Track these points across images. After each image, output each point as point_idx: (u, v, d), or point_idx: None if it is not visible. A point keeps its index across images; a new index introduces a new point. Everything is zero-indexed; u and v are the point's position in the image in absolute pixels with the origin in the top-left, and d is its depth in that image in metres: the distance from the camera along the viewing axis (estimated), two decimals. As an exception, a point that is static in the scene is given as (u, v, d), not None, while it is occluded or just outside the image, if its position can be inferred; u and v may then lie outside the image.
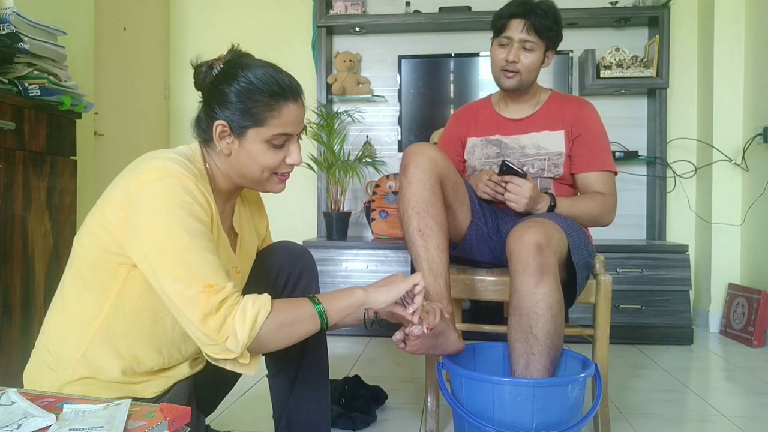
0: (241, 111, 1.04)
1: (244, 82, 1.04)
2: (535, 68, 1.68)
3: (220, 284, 0.94)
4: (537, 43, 1.65)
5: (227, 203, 1.16)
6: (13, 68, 1.80)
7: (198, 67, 1.09)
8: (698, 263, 3.14)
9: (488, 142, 1.77)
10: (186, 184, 0.97)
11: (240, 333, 0.93)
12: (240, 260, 1.19)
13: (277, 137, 1.06)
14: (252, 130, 1.05)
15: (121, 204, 0.97)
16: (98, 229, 1.00)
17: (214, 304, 0.93)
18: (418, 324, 1.14)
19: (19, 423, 0.73)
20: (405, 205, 1.45)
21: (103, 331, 1.01)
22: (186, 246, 0.94)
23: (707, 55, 3.08)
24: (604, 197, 1.67)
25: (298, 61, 3.39)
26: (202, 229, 0.97)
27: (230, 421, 1.72)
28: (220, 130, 1.05)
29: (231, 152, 1.07)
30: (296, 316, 0.99)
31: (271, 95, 1.04)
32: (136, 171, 0.99)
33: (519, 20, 1.64)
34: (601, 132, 1.72)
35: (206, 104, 1.08)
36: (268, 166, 1.08)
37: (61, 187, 1.94)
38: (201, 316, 0.92)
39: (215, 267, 0.96)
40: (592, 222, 1.68)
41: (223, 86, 1.05)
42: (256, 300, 0.97)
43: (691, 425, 1.75)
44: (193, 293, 0.92)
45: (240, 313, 0.94)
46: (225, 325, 0.93)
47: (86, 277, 1.02)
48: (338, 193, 3.10)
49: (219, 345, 0.93)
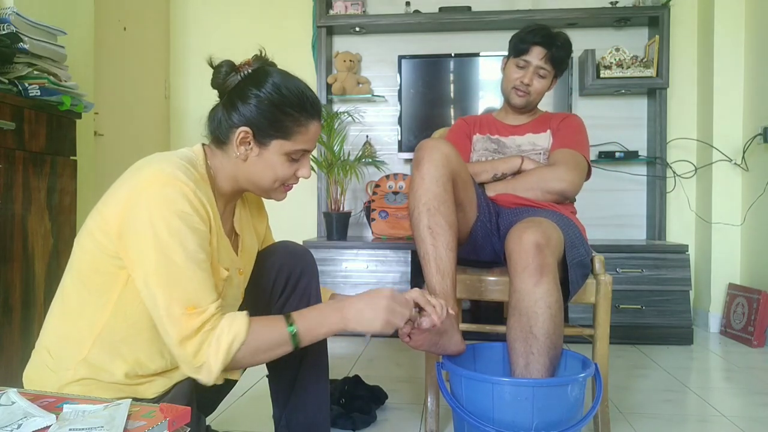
0: (270, 121, 1.04)
1: (276, 92, 1.04)
2: (543, 92, 1.86)
3: (202, 306, 0.95)
4: (550, 72, 1.81)
5: (228, 205, 1.16)
6: (13, 68, 1.80)
7: (218, 67, 1.08)
8: (698, 263, 3.14)
9: (489, 139, 1.90)
10: (186, 192, 0.96)
11: (213, 364, 0.95)
12: (243, 261, 1.19)
13: (297, 152, 1.08)
14: (277, 141, 1.05)
15: (120, 209, 0.97)
16: (97, 232, 1.00)
17: (193, 328, 0.94)
18: (427, 316, 1.15)
19: (19, 423, 0.73)
20: (416, 201, 1.44)
21: (105, 335, 1.01)
22: (178, 261, 0.94)
23: (707, 55, 3.08)
24: (554, 165, 1.73)
25: (298, 61, 3.38)
26: (198, 242, 0.97)
27: (230, 421, 1.72)
28: (242, 136, 1.05)
29: (247, 158, 1.07)
30: (270, 341, 1.01)
31: (301, 111, 1.05)
32: (137, 176, 0.99)
33: (540, 48, 1.78)
34: (579, 130, 1.84)
35: (229, 106, 1.06)
36: (281, 177, 1.09)
37: (61, 187, 1.94)
38: (179, 339, 0.94)
39: (203, 285, 0.96)
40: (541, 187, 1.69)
41: (251, 91, 1.04)
42: (232, 325, 0.97)
43: (691, 425, 1.75)
44: (176, 313, 0.94)
45: (215, 342, 0.95)
46: (201, 351, 0.95)
47: (87, 280, 1.01)
48: (338, 193, 3.10)
49: (193, 369, 0.96)
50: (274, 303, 1.27)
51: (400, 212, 3.06)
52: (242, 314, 1.00)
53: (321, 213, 3.19)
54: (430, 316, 1.15)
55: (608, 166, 3.21)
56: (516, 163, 1.74)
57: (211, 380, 0.97)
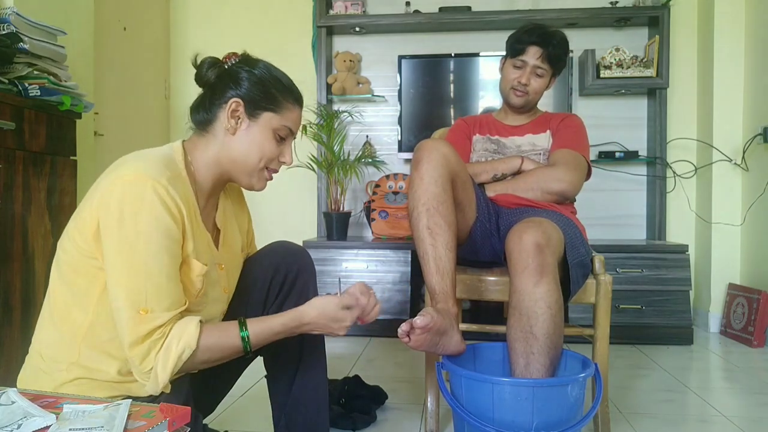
0: (262, 92, 1.09)
1: (267, 72, 1.10)
2: (542, 92, 1.86)
3: (156, 311, 0.95)
4: (547, 71, 1.81)
5: (209, 199, 1.15)
6: (13, 68, 1.80)
7: (201, 64, 1.11)
8: (698, 263, 3.14)
9: (488, 139, 1.90)
10: (158, 190, 0.96)
11: (161, 375, 0.96)
12: (223, 256, 1.17)
13: (284, 129, 1.11)
14: (267, 113, 1.09)
15: (94, 208, 0.98)
16: (75, 233, 1.00)
17: (141, 333, 0.94)
18: (421, 316, 1.19)
19: (19, 423, 0.73)
20: (415, 201, 1.44)
21: (91, 337, 1.01)
22: (139, 263, 0.94)
23: (707, 55, 3.08)
24: (554, 165, 1.74)
25: (298, 61, 3.38)
26: (166, 243, 0.97)
27: (230, 421, 1.72)
28: (234, 107, 1.08)
29: (236, 132, 1.09)
30: (222, 347, 1.02)
31: (289, 93, 1.12)
32: (112, 175, 0.99)
33: (537, 48, 1.78)
34: (579, 130, 1.84)
35: (217, 88, 1.10)
36: (267, 155, 1.11)
37: (61, 187, 1.94)
38: (129, 342, 0.95)
39: (161, 291, 0.96)
40: (541, 187, 1.69)
41: (243, 69, 1.09)
42: (183, 336, 0.97)
43: (691, 425, 1.75)
44: (129, 314, 0.94)
45: (164, 352, 0.96)
46: (148, 358, 0.95)
47: (69, 282, 1.02)
48: (338, 193, 3.10)
49: (141, 374, 0.97)
50: (270, 303, 1.27)
51: (400, 212, 3.06)
52: (194, 321, 0.99)
53: (321, 213, 3.19)
54: (424, 317, 1.18)
55: (608, 166, 3.21)
56: (516, 164, 1.74)
57: (158, 389, 0.97)
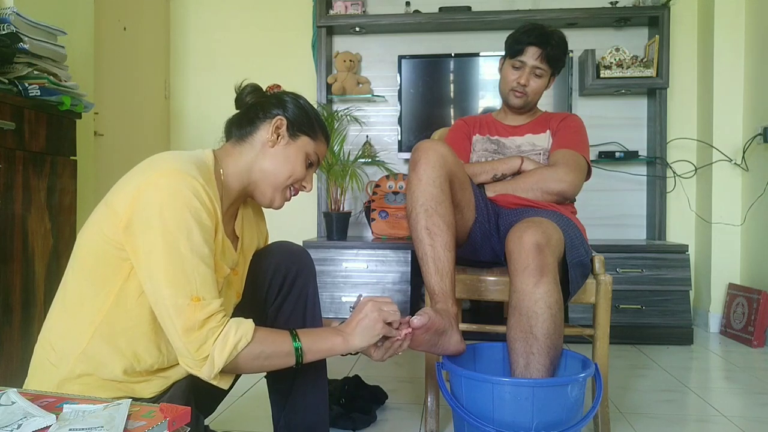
0: (305, 118, 1.18)
1: (309, 106, 1.21)
2: (541, 92, 1.85)
3: (207, 299, 0.98)
4: (546, 71, 1.81)
5: (231, 207, 1.18)
6: (13, 68, 1.80)
7: (243, 89, 1.20)
8: (698, 263, 3.14)
9: (488, 139, 1.90)
10: (196, 187, 0.99)
11: (218, 360, 0.97)
12: (240, 262, 1.21)
13: (314, 156, 1.19)
14: (306, 137, 1.18)
15: (130, 200, 0.99)
16: (105, 223, 1.01)
17: (199, 320, 0.96)
18: (418, 316, 1.21)
19: (19, 423, 0.73)
20: (413, 202, 1.44)
21: (104, 326, 1.02)
22: (184, 253, 0.96)
23: (707, 55, 3.08)
24: (554, 165, 1.74)
25: (298, 61, 3.38)
26: (204, 237, 1.00)
27: (230, 421, 1.72)
28: (278, 123, 1.15)
29: (275, 145, 1.15)
30: (274, 350, 1.05)
31: (322, 127, 1.22)
32: (148, 170, 1.01)
33: (535, 48, 1.77)
34: (579, 130, 1.84)
35: (263, 106, 1.17)
36: (296, 174, 1.17)
37: (61, 187, 1.94)
38: (184, 329, 0.96)
39: (207, 280, 0.99)
40: (541, 187, 1.69)
41: (289, 97, 1.20)
42: (240, 327, 1.00)
43: (691, 425, 1.75)
44: (182, 302, 0.96)
45: (221, 339, 0.98)
46: (205, 345, 0.97)
47: (89, 272, 1.03)
48: (338, 193, 3.10)
49: (195, 361, 0.98)
50: (270, 303, 1.27)
51: (400, 212, 3.06)
52: (249, 320, 1.03)
53: (321, 213, 3.19)
54: (421, 317, 1.21)
55: (608, 166, 3.21)
56: (516, 164, 1.74)
57: (212, 375, 0.99)
